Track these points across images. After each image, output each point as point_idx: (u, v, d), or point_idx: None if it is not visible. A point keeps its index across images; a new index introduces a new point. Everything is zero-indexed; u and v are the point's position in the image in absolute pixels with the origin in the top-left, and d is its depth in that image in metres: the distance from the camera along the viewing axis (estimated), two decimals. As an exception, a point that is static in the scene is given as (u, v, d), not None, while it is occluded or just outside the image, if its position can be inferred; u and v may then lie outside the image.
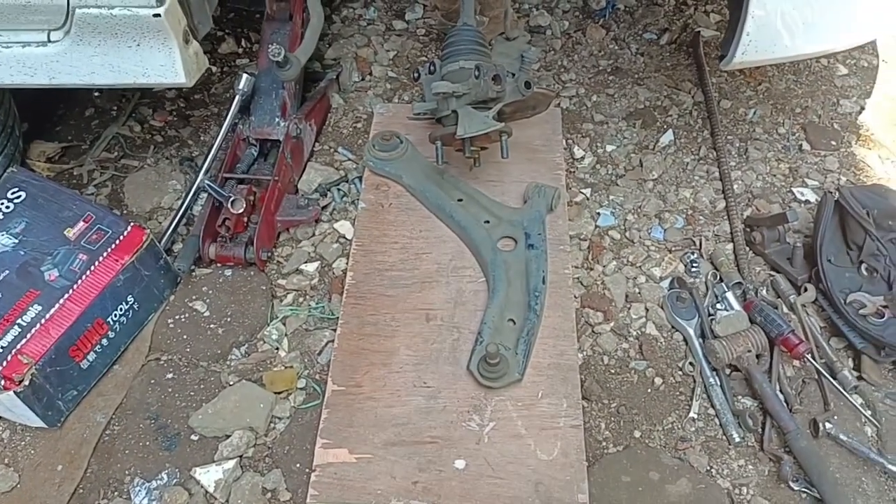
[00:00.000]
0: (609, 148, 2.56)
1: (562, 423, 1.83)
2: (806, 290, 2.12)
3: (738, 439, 1.88)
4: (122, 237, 2.03)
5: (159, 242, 2.23)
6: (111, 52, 1.84)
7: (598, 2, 3.06)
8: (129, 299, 2.04)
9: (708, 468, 1.85)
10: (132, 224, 2.06)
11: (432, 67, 2.28)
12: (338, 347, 1.98)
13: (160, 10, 1.77)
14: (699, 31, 2.89)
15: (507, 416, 1.85)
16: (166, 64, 1.88)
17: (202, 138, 2.63)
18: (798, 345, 1.93)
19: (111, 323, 2.00)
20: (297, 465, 1.86)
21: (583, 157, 2.53)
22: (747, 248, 2.26)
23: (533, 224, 2.18)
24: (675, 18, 3.02)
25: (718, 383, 1.97)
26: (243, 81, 2.26)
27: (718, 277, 2.19)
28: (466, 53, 2.16)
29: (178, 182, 2.47)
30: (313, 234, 2.33)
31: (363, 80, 2.81)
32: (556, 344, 1.98)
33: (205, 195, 2.29)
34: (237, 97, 2.27)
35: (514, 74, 2.37)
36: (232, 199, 2.11)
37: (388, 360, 1.96)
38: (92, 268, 1.96)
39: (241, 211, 2.12)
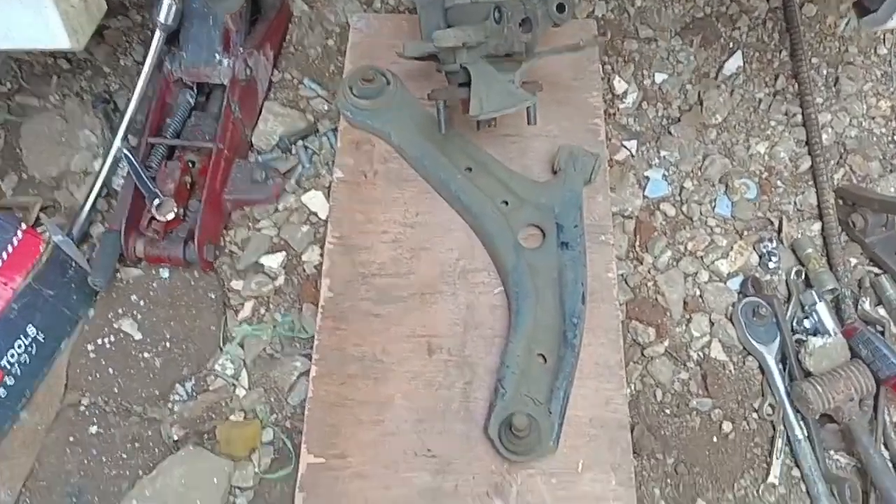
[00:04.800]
0: (659, 78, 1.96)
1: (610, 510, 1.40)
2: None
3: (831, 517, 1.47)
4: (10, 248, 1.48)
5: (70, 229, 1.68)
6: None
7: None
8: (29, 331, 1.52)
9: (792, 556, 1.46)
10: (24, 227, 1.50)
11: (432, -11, 1.63)
12: (313, 397, 1.50)
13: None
14: None
15: (538, 499, 1.41)
16: (36, 22, 1.25)
17: (122, 63, 1.98)
18: (916, 391, 1.48)
19: (7, 367, 1.49)
20: (267, 563, 1.44)
21: (625, 93, 1.93)
22: (841, 231, 1.74)
23: (567, 210, 1.64)
24: None
25: (806, 435, 1.53)
26: (164, 9, 1.60)
27: (804, 276, 1.69)
28: (481, -21, 1.50)
29: (92, 133, 1.86)
30: (275, 211, 1.78)
31: (333, -29, 2.12)
32: (600, 388, 1.51)
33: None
34: (158, 33, 1.62)
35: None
36: (157, 202, 1.53)
37: (380, 414, 1.49)
38: (-32, 303, 1.43)
39: (170, 217, 1.54)
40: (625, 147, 1.86)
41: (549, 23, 1.51)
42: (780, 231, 1.74)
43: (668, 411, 1.58)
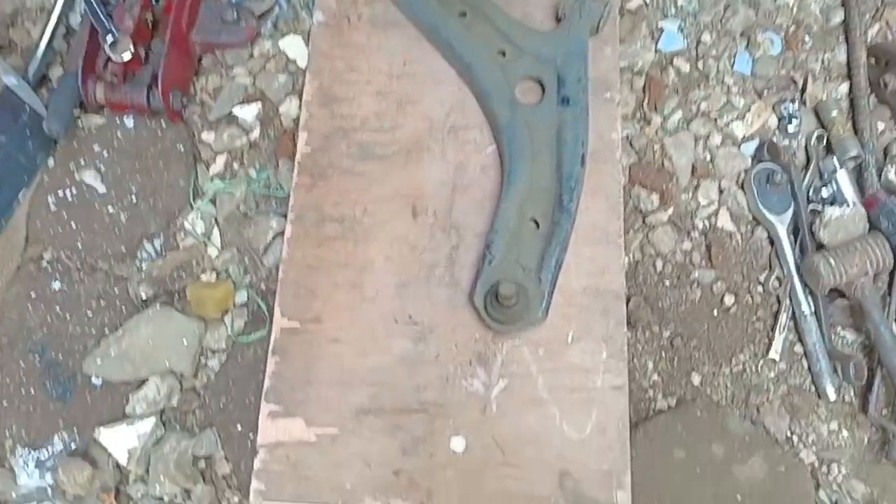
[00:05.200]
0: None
1: (599, 383, 1.32)
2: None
3: (833, 396, 1.39)
4: (-47, 88, 1.35)
5: (25, 71, 1.54)
6: None
7: None
8: (-19, 179, 1.41)
9: (789, 433, 1.39)
10: (-33, 65, 1.36)
11: None
12: (288, 258, 1.40)
13: None
14: None
15: (523, 370, 1.33)
16: None
17: None
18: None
19: (-41, 217, 1.39)
20: (239, 427, 1.38)
21: (643, -70, 1.72)
22: (870, 93, 1.58)
23: (570, 62, 1.48)
24: None
25: (813, 310, 1.43)
26: None
27: (826, 141, 1.55)
28: None
29: (48, -36, 1.68)
30: (251, 57, 1.62)
31: None
32: (596, 255, 1.40)
33: (83, -1, 1.53)
34: None
35: None
36: (111, 39, 1.37)
37: (360, 278, 1.39)
38: None
39: (126, 57, 1.39)
40: (639, -7, 1.67)
41: None
42: (803, 91, 1.58)
43: (667, 282, 1.48)
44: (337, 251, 1.40)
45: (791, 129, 1.55)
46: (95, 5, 1.41)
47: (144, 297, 1.44)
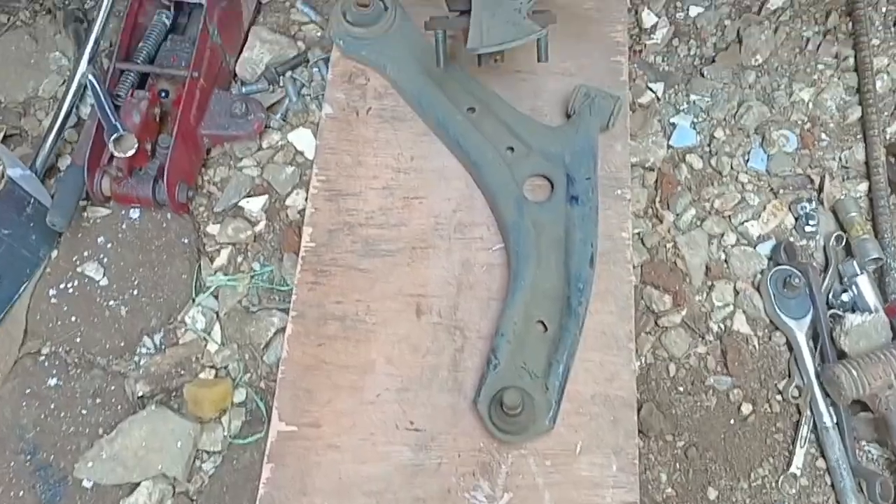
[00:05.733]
0: (694, 11, 1.74)
1: (609, 499, 1.26)
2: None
3: (857, 516, 1.32)
4: (-42, 182, 1.34)
5: (34, 161, 1.54)
6: None
7: None
8: (-18, 274, 1.40)
9: (811, 556, 1.31)
10: (-27, 159, 1.36)
11: None
12: (287, 357, 1.36)
13: None
14: None
15: (529, 482, 1.27)
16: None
17: (100, -23, 1.80)
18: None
19: (-42, 312, 1.37)
20: (232, 535, 1.33)
21: (654, 28, 1.72)
22: (890, 193, 1.54)
23: (580, 160, 1.45)
24: None
25: (835, 423, 1.37)
26: (131, -84, 1.41)
27: (845, 243, 1.50)
28: None
29: (63, 54, 1.70)
30: (259, 148, 1.61)
31: None
32: (605, 361, 1.35)
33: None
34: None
35: None
36: (116, 136, 1.36)
37: (360, 381, 1.34)
38: None
39: (130, 154, 1.38)
40: (650, 89, 1.66)
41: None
42: (820, 190, 1.55)
43: (681, 388, 1.42)
44: (338, 351, 1.36)
45: (809, 229, 1.51)
46: (103, 100, 1.42)
47: (141, 395, 1.41)
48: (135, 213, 1.53)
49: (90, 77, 1.45)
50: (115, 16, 1.56)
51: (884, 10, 1.73)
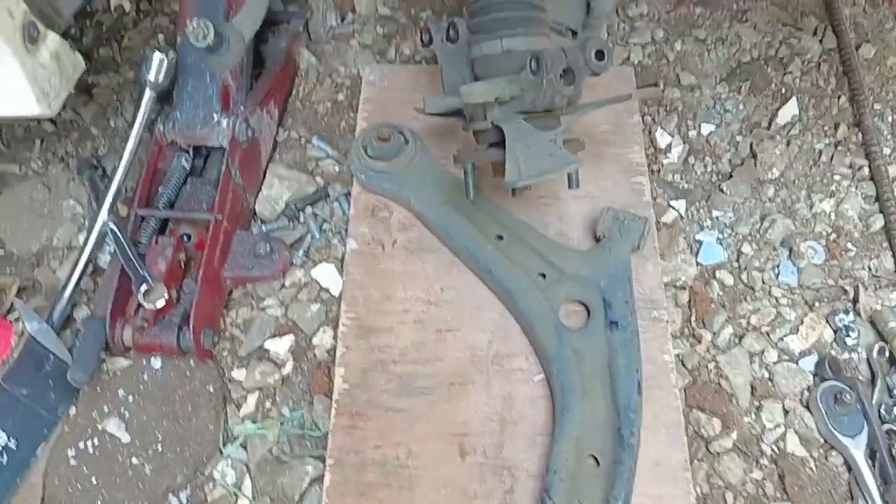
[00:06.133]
0: (706, 129, 1.76)
1: None
2: None
3: None
4: (-24, 343, 1.29)
5: (50, 314, 1.48)
6: None
7: None
8: (-2, 438, 1.32)
9: None
10: (-7, 317, 1.31)
11: (452, 31, 1.44)
12: (327, 511, 1.28)
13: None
14: (821, -67, 2.01)
15: None
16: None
17: (112, 124, 1.80)
18: None
19: (-28, 481, 1.29)
20: None
21: (669, 147, 1.74)
22: (925, 300, 1.53)
23: (615, 283, 1.43)
24: None
25: (908, 547, 1.30)
26: (155, 66, 1.42)
27: (888, 354, 1.47)
28: (513, 24, 1.31)
29: (77, 202, 1.68)
30: (282, 287, 1.57)
31: (343, 21, 1.95)
32: (663, 494, 1.28)
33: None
34: (147, 91, 1.43)
35: (574, 32, 1.56)
36: (145, 288, 1.33)
37: (407, 532, 1.27)
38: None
39: (161, 305, 1.34)
40: (672, 207, 1.66)
41: (587, 72, 1.32)
42: (856, 301, 1.53)
43: (741, 519, 1.35)
44: (380, 500, 1.29)
45: (850, 342, 1.48)
46: (128, 250, 1.38)
47: (169, 562, 1.31)
48: (157, 363, 1.47)
49: (111, 225, 1.43)
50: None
51: (890, 119, 1.76)
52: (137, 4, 1.99)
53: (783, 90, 1.81)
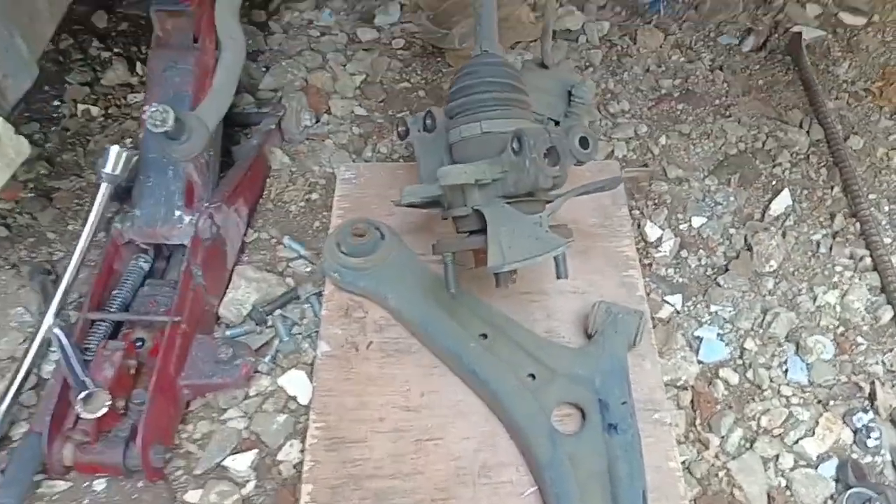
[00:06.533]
0: (697, 222, 1.68)
1: None
2: None
3: None
4: None
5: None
6: None
7: (646, -9, 2.17)
8: None
9: None
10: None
11: (429, 121, 1.38)
12: None
13: None
14: (799, 32, 2.01)
15: None
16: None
17: (70, 228, 1.70)
18: None
19: None
20: None
21: (660, 240, 1.65)
22: (948, 396, 1.40)
23: (611, 383, 1.30)
24: (760, 13, 2.13)
25: None
26: (112, 159, 1.33)
27: (916, 456, 1.34)
28: (493, 106, 1.25)
29: (27, 310, 1.54)
30: (246, 397, 1.43)
31: (318, 122, 1.89)
32: None
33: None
34: (103, 185, 1.34)
35: (556, 122, 1.50)
36: (84, 394, 1.19)
37: None
38: None
39: (101, 413, 1.20)
40: (667, 302, 1.55)
41: (572, 159, 1.24)
42: (873, 399, 1.40)
43: None
44: None
45: (871, 443, 1.34)
46: (69, 353, 1.25)
47: None
48: (100, 485, 1.31)
49: (56, 330, 1.29)
50: (86, 265, 1.43)
51: (886, 209, 1.70)
52: (106, 109, 1.93)
53: (774, 182, 1.75)
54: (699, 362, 1.47)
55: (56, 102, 1.95)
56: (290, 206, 1.73)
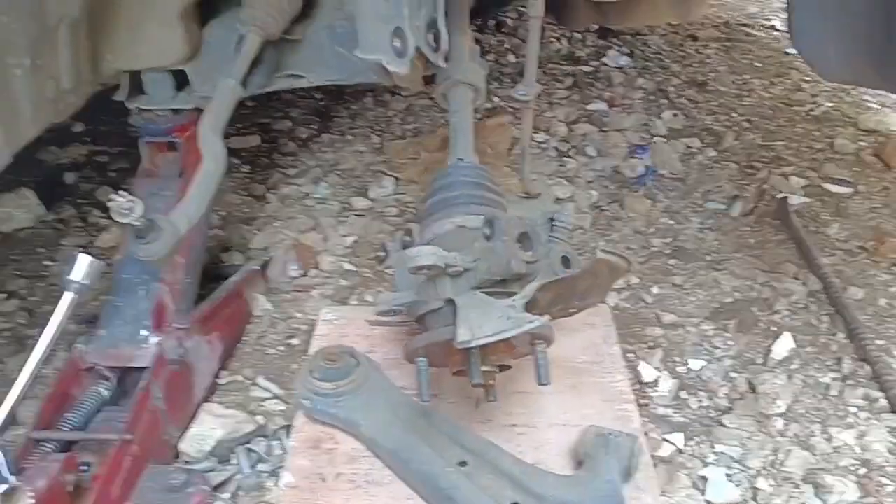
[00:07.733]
0: (696, 364, 1.59)
1: None
2: None
3: None
4: None
5: None
6: None
7: (633, 168, 2.24)
8: None
9: None
10: None
11: (408, 238, 1.35)
12: None
13: None
14: (785, 198, 2.04)
15: None
16: None
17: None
18: None
19: None
20: None
21: (656, 381, 1.55)
22: None
23: (605, 511, 1.15)
24: (745, 183, 2.18)
25: None
26: (80, 267, 1.29)
27: None
28: (466, 203, 1.23)
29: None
30: (199, 536, 1.27)
31: (305, 274, 1.88)
32: None
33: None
34: (67, 294, 1.29)
35: (540, 247, 1.47)
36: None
37: None
38: None
39: (18, 514, 1.07)
40: (668, 441, 1.42)
41: (551, 274, 1.20)
42: (909, 542, 1.23)
43: None
44: None
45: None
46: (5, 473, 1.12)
47: None
48: None
49: (-4, 449, 1.18)
50: (43, 384, 1.35)
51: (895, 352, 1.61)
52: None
53: (773, 328, 1.68)
54: (706, 502, 1.31)
55: (47, 262, 1.96)
56: (269, 350, 1.66)
